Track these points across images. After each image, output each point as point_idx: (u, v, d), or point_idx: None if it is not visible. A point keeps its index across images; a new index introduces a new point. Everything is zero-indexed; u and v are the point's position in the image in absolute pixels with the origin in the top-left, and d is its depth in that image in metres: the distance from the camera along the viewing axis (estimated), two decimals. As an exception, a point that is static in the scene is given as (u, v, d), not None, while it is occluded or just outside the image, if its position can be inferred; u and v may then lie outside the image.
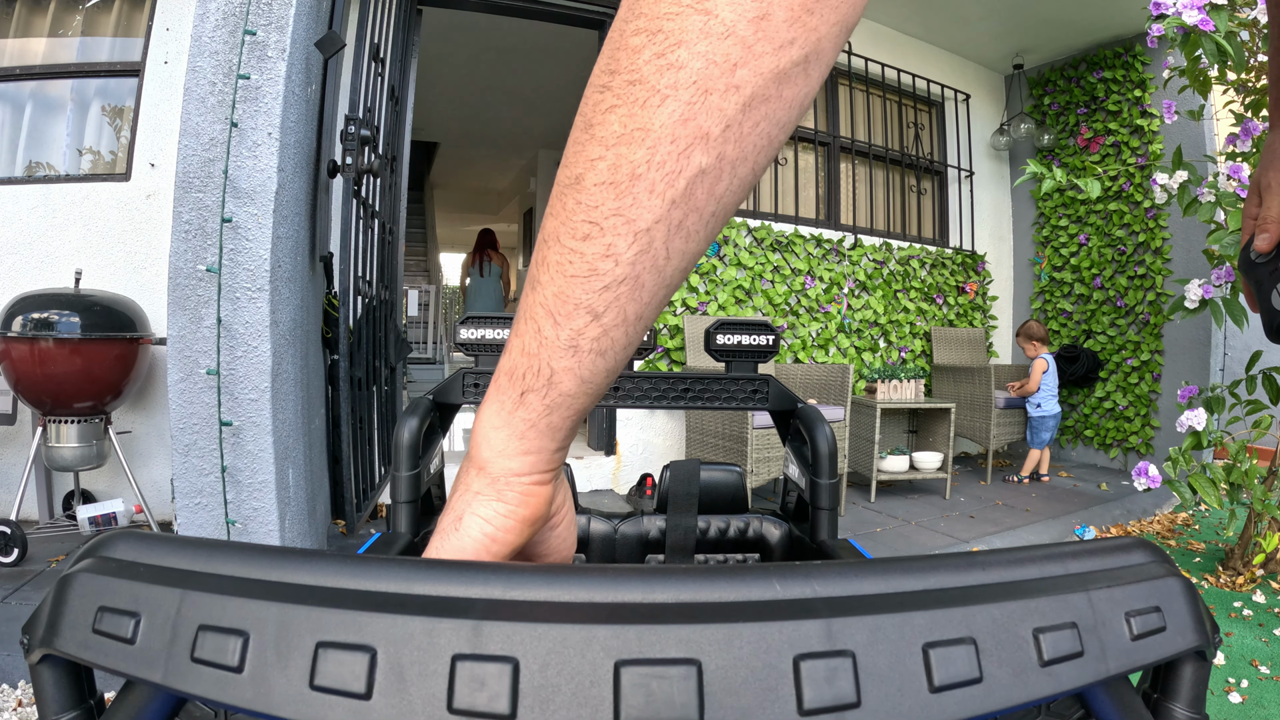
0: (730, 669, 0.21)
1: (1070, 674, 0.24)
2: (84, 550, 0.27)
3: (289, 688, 0.21)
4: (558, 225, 0.30)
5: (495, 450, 0.33)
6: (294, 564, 0.24)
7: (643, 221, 0.28)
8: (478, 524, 0.33)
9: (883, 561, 0.27)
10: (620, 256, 0.28)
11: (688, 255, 0.30)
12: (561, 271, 0.29)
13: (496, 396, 0.33)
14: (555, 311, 0.30)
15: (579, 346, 0.30)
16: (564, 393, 0.31)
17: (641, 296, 0.30)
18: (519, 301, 0.33)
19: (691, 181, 0.28)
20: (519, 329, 0.32)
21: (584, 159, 0.28)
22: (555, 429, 0.33)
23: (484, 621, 0.21)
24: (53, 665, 0.26)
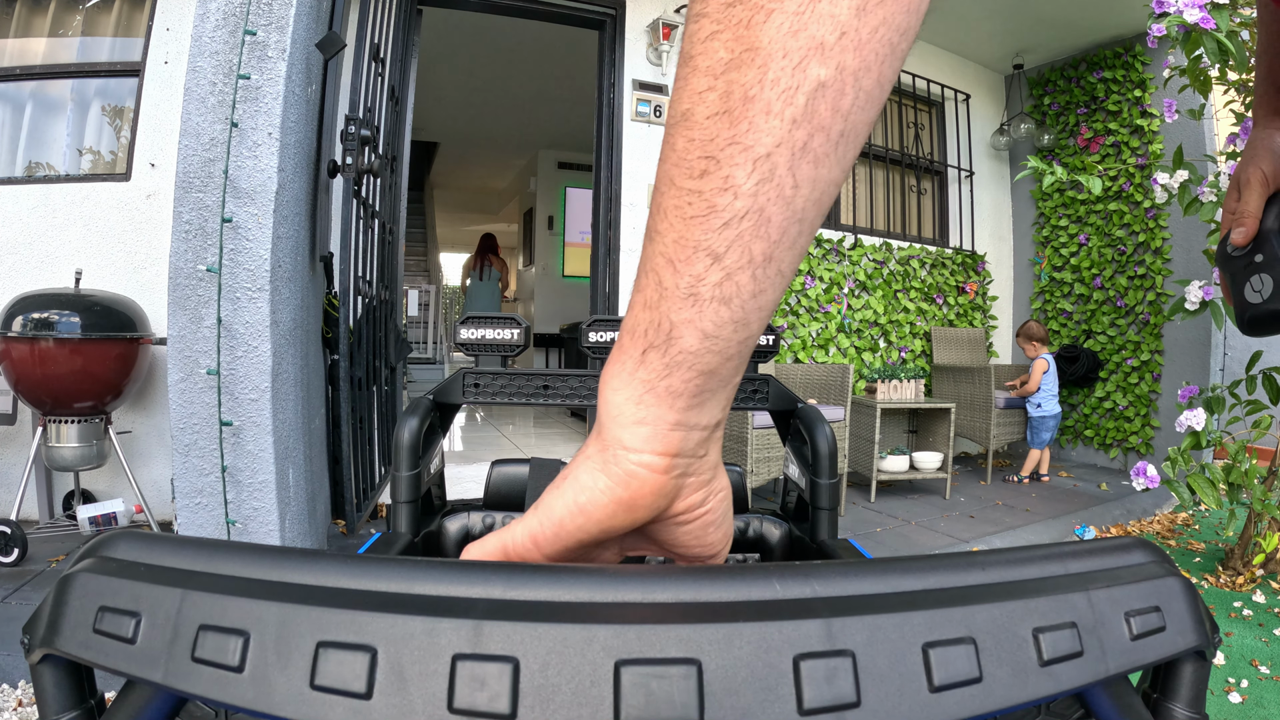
0: (730, 669, 0.21)
1: (1070, 674, 0.24)
2: (84, 550, 0.27)
3: (289, 687, 0.21)
4: (670, 168, 0.28)
5: (612, 413, 0.31)
6: (294, 564, 0.25)
7: (762, 147, 0.26)
8: (575, 489, 0.31)
9: (883, 561, 0.27)
10: (739, 188, 0.26)
11: (819, 184, 0.27)
12: (680, 215, 0.27)
13: (619, 356, 0.31)
14: (675, 259, 0.28)
15: (699, 294, 0.28)
16: (685, 350, 0.28)
17: (769, 233, 0.27)
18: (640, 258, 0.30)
19: (812, 97, 0.25)
20: (640, 284, 0.30)
21: (690, 93, 0.26)
22: (675, 394, 0.29)
23: (484, 621, 0.22)
24: (53, 665, 0.26)
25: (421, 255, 9.52)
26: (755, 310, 0.28)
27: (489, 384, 0.80)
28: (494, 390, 0.80)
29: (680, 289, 0.28)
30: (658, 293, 0.29)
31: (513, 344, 0.80)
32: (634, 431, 0.30)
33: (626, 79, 3.97)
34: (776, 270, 0.28)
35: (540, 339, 7.72)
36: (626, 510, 0.31)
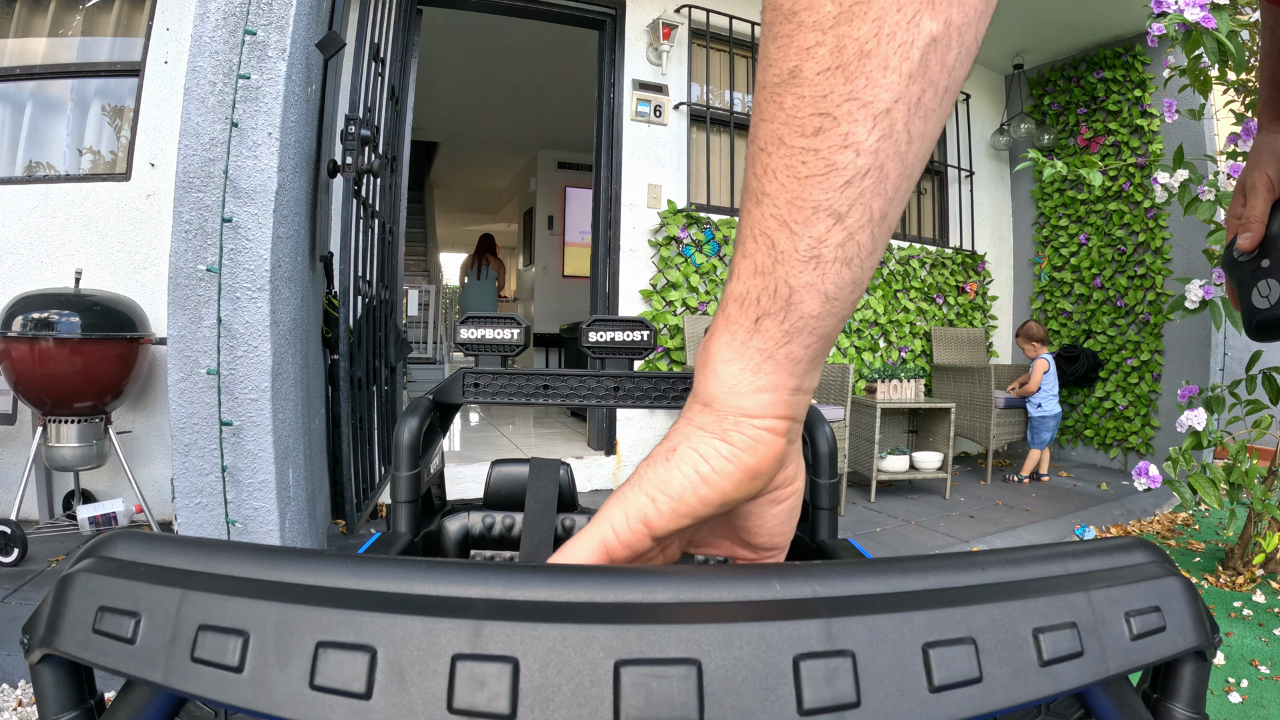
0: (730, 669, 0.21)
1: (1070, 674, 0.24)
2: (84, 550, 0.27)
3: (289, 687, 0.21)
4: (778, 127, 0.27)
5: (725, 386, 0.29)
6: (294, 564, 0.25)
7: (881, 102, 0.25)
8: (693, 459, 0.30)
9: (883, 561, 0.27)
10: (861, 145, 0.26)
11: (927, 139, 0.27)
12: (794, 174, 0.26)
13: (726, 326, 0.29)
14: (790, 220, 0.27)
15: (821, 256, 0.27)
16: (806, 314, 0.28)
17: (886, 190, 0.27)
18: (739, 224, 0.29)
19: (925, 51, 0.25)
20: (746, 249, 0.28)
21: (796, 49, 0.26)
22: (795, 360, 0.29)
23: (484, 621, 0.22)
24: (53, 665, 0.26)
25: (421, 255, 9.52)
26: (870, 268, 0.28)
27: (489, 384, 0.80)
28: (494, 390, 0.80)
29: (800, 252, 0.27)
30: (771, 258, 0.28)
31: (513, 344, 0.80)
32: (755, 399, 0.29)
33: (626, 79, 3.97)
34: (888, 227, 0.28)
35: (540, 339, 7.72)
36: (751, 478, 0.30)
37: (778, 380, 0.29)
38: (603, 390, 0.82)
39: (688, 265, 4.02)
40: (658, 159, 4.06)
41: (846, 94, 0.25)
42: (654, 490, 0.30)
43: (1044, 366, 4.25)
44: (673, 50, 4.04)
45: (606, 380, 0.82)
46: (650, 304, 3.99)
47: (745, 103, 4.43)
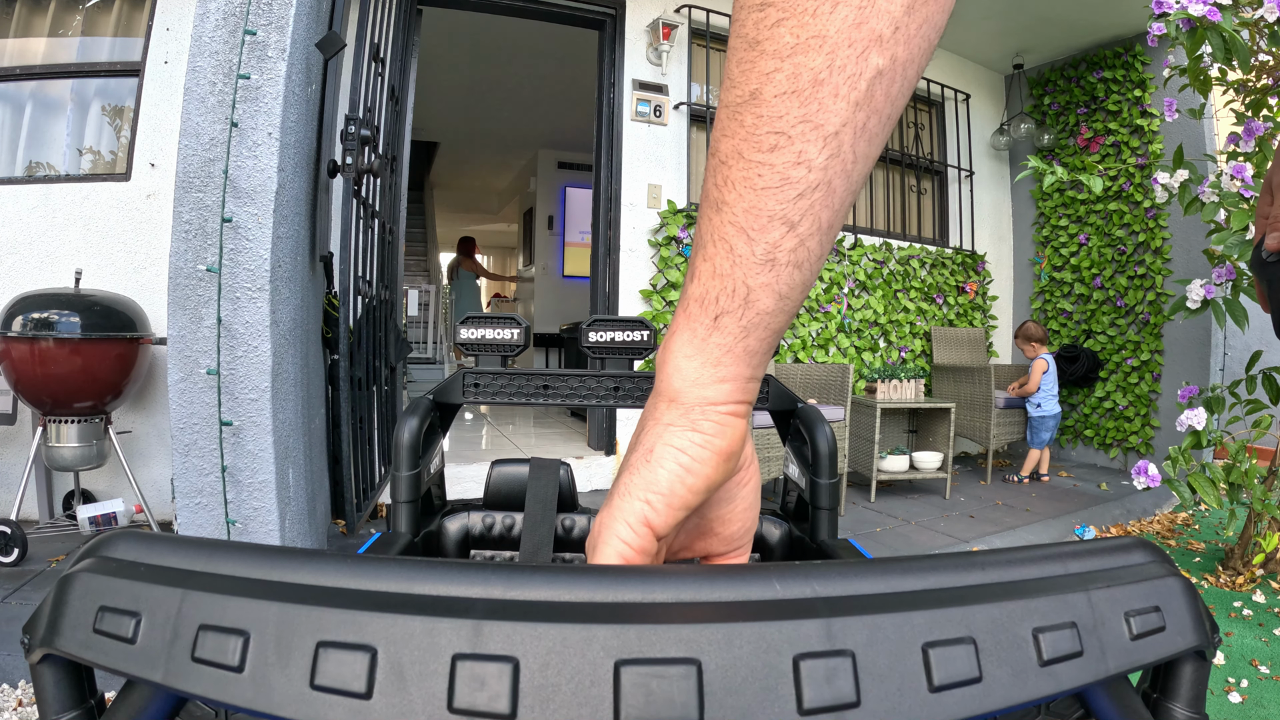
0: (730, 669, 0.21)
1: (1070, 674, 0.24)
2: (84, 550, 0.27)
3: (289, 687, 0.21)
4: (738, 143, 0.29)
5: (689, 380, 0.32)
6: (294, 564, 0.25)
7: (831, 126, 0.28)
8: (672, 454, 0.32)
9: (883, 561, 0.27)
10: (813, 163, 0.29)
11: (869, 159, 0.30)
12: (750, 186, 0.29)
13: (687, 325, 0.32)
14: (748, 227, 0.30)
15: (776, 260, 0.30)
16: (761, 311, 0.31)
17: (833, 203, 0.30)
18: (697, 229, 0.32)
19: (871, 83, 0.28)
20: (706, 253, 0.31)
21: (757, 74, 0.28)
22: (752, 353, 0.32)
23: (484, 621, 0.22)
24: (53, 665, 0.26)
25: (421, 255, 9.52)
26: (816, 271, 0.31)
27: (489, 384, 0.80)
28: (494, 390, 0.80)
29: (756, 255, 0.30)
30: (729, 260, 0.30)
31: (513, 344, 0.80)
32: (718, 389, 0.32)
33: (626, 79, 3.97)
34: (833, 234, 0.31)
35: (540, 339, 7.72)
36: (724, 460, 0.33)
37: (736, 371, 0.32)
38: (603, 390, 0.82)
39: (688, 265, 4.02)
40: (658, 159, 4.06)
41: (801, 116, 0.28)
42: (645, 493, 0.32)
43: (1043, 367, 4.25)
44: (673, 50, 4.04)
45: (606, 380, 0.82)
46: (650, 304, 3.99)
47: (745, 103, 4.43)
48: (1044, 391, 4.26)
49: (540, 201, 8.25)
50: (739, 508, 0.36)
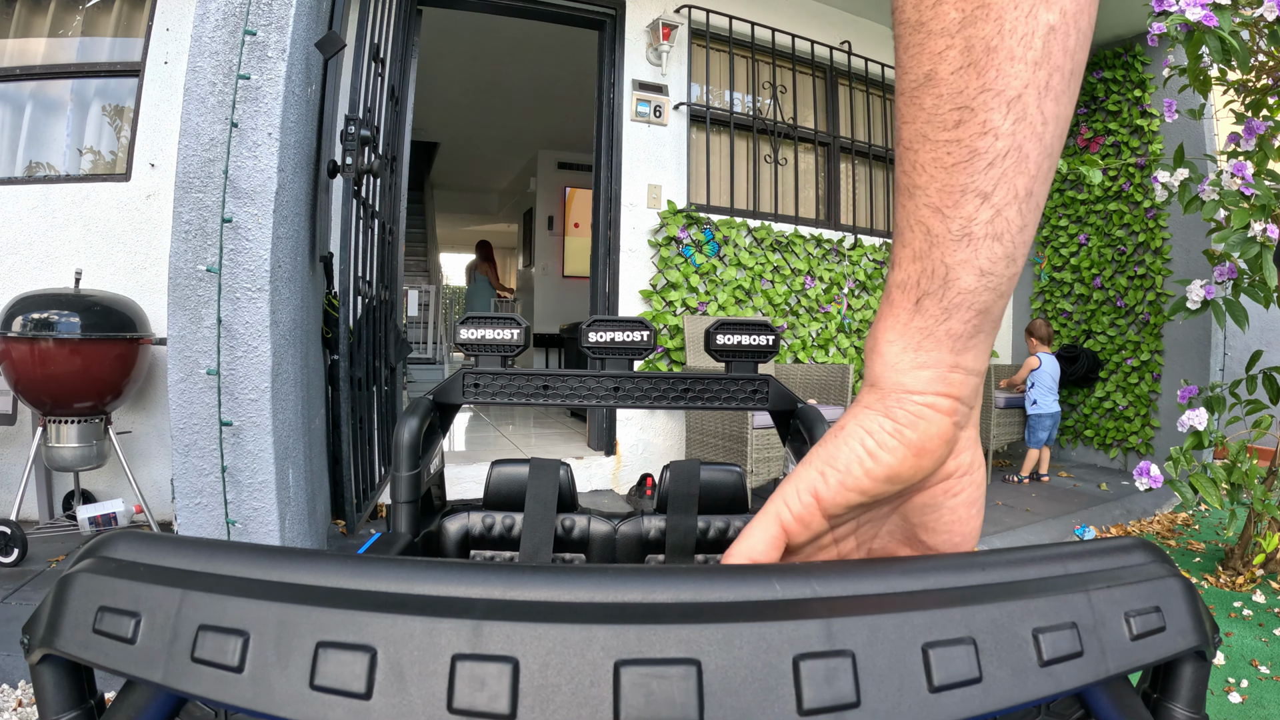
0: (730, 669, 0.21)
1: (1070, 674, 0.24)
2: (84, 550, 0.27)
3: (289, 688, 0.21)
4: (921, 126, 0.29)
5: (888, 364, 0.32)
6: (294, 564, 0.25)
7: (1012, 90, 0.28)
8: (859, 434, 0.31)
9: (882, 561, 0.27)
10: (999, 130, 0.28)
11: (1060, 119, 0.29)
12: (940, 165, 0.29)
13: (890, 312, 0.32)
14: (942, 206, 0.29)
15: (972, 234, 0.29)
16: (963, 290, 0.30)
17: (1028, 168, 0.29)
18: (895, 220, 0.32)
19: (1046, 40, 0.28)
20: (904, 239, 0.31)
21: (928, 55, 0.29)
22: (955, 336, 0.31)
23: (484, 621, 0.22)
24: (53, 665, 0.26)
25: (421, 255, 9.52)
26: (1022, 244, 0.30)
27: (489, 384, 0.80)
28: (494, 390, 0.80)
29: (952, 232, 0.29)
30: (927, 242, 0.30)
31: (513, 344, 0.80)
32: (916, 376, 0.31)
33: (626, 79, 3.97)
34: (1035, 204, 0.30)
35: (540, 339, 7.72)
36: (915, 455, 0.31)
37: (938, 356, 0.31)
38: (603, 390, 0.82)
39: (688, 265, 4.02)
40: (658, 159, 4.06)
41: (980, 87, 0.28)
42: (822, 465, 0.32)
43: (1032, 364, 4.26)
44: (673, 50, 4.04)
45: (606, 380, 0.82)
46: (650, 304, 3.99)
47: (745, 103, 4.43)
48: (1039, 389, 4.26)
49: (540, 201, 8.26)
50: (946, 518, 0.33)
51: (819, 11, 4.55)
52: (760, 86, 4.46)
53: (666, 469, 0.87)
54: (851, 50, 4.63)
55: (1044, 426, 4.29)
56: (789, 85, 4.48)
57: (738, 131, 4.32)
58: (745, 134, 4.39)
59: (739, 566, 0.26)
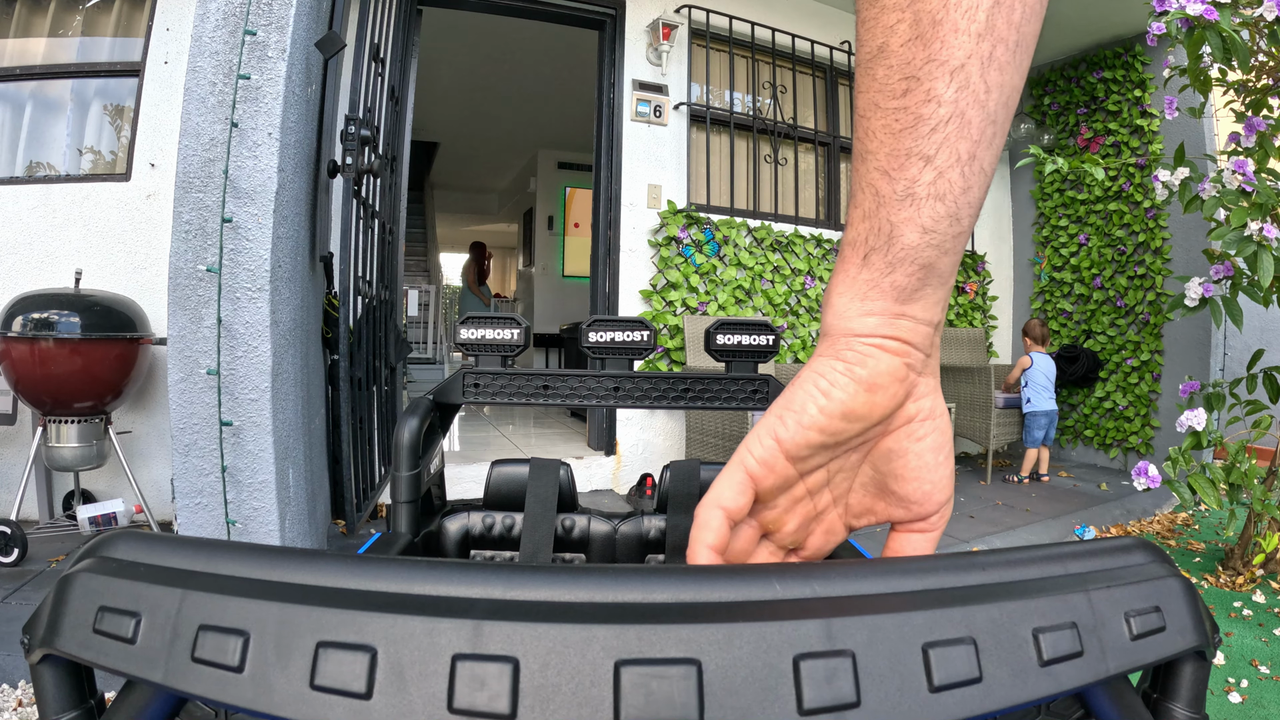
0: (730, 669, 0.21)
1: (1070, 674, 0.24)
2: (84, 550, 0.27)
3: (289, 687, 0.21)
4: (873, 96, 0.31)
5: (838, 314, 0.34)
6: (294, 564, 0.25)
7: (955, 60, 0.29)
8: (812, 378, 0.33)
9: (883, 561, 0.27)
10: (942, 98, 0.30)
11: (1005, 88, 0.31)
12: (889, 131, 0.31)
13: (841, 268, 0.34)
14: (889, 169, 0.31)
15: (915, 194, 0.31)
16: (906, 245, 0.32)
17: (970, 133, 0.30)
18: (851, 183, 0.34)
19: (990, 13, 0.29)
20: (855, 200, 0.33)
21: (881, 29, 0.31)
22: (899, 288, 0.32)
23: (484, 621, 0.22)
24: (53, 665, 0.26)
25: (421, 255, 9.52)
26: (966, 205, 0.32)
27: (489, 384, 0.80)
28: (494, 390, 0.80)
29: (897, 193, 0.31)
30: (875, 202, 0.32)
31: (513, 344, 0.80)
32: (862, 322, 0.33)
33: (626, 79, 3.97)
34: (979, 168, 0.31)
35: (540, 339, 7.72)
36: (868, 390, 0.33)
37: (883, 305, 0.33)
38: (603, 390, 0.82)
39: (688, 265, 4.02)
40: (658, 159, 4.06)
41: (926, 58, 0.30)
42: (780, 410, 0.34)
43: (1024, 364, 4.28)
44: (673, 50, 4.04)
45: (606, 380, 0.82)
46: (650, 304, 3.99)
47: (745, 103, 4.43)
48: (1033, 388, 4.26)
49: (540, 201, 8.26)
50: (913, 464, 0.35)
51: (819, 11, 4.55)
52: (760, 86, 4.46)
53: (666, 469, 0.87)
54: (851, 50, 4.63)
55: (1039, 425, 4.29)
56: (789, 85, 4.48)
57: (738, 131, 4.32)
58: (745, 134, 4.39)
59: (739, 566, 0.26)
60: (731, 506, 0.33)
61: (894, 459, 0.35)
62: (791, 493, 0.35)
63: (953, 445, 0.36)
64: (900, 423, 0.34)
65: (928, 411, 0.35)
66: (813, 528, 0.37)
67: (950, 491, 0.36)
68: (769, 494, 0.34)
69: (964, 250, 0.33)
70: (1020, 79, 0.31)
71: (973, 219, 0.32)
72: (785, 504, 0.36)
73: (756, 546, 0.37)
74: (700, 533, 0.33)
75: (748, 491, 0.34)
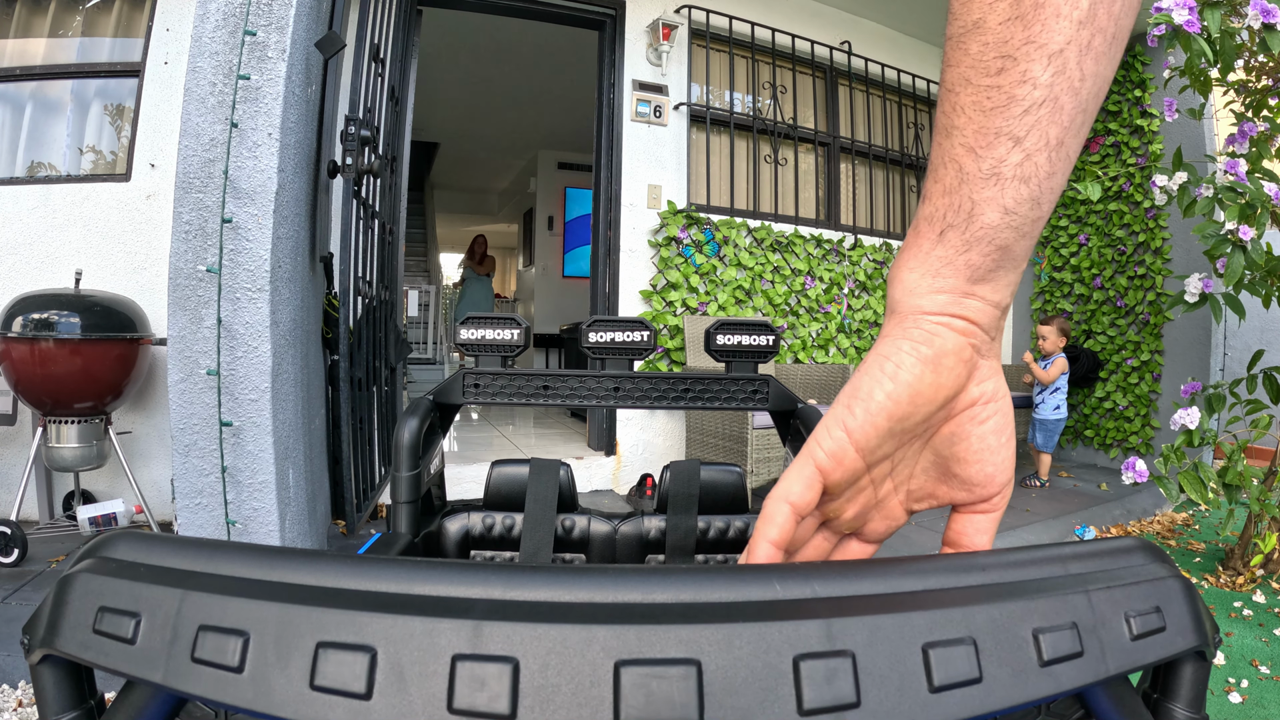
0: (730, 669, 0.21)
1: (1070, 674, 0.24)
2: (84, 550, 0.27)
3: (289, 688, 0.21)
4: (965, 71, 0.31)
5: (907, 290, 0.34)
6: (294, 564, 0.25)
7: (1054, 45, 0.29)
8: (876, 360, 0.33)
9: (883, 561, 0.27)
10: (1037, 80, 0.30)
11: (1099, 79, 0.31)
12: (979, 108, 0.31)
13: (914, 242, 0.34)
14: (975, 146, 0.31)
15: (1000, 174, 0.31)
16: (985, 225, 0.32)
17: (1061, 119, 0.30)
18: (930, 157, 0.34)
19: (1093, 2, 0.29)
20: (937, 175, 0.33)
21: (979, 4, 0.31)
22: (973, 267, 0.32)
23: (484, 621, 0.22)
24: (53, 665, 0.26)
25: (421, 255, 9.52)
26: (1049, 190, 0.32)
27: (489, 384, 0.80)
28: (494, 390, 0.80)
29: (982, 171, 0.31)
30: (958, 178, 0.32)
31: (513, 344, 0.80)
32: (932, 299, 0.33)
33: (626, 79, 3.97)
34: (1065, 154, 0.31)
35: (540, 339, 7.72)
36: (933, 370, 0.33)
37: (954, 283, 0.33)
38: (603, 390, 0.82)
39: (688, 266, 4.02)
40: (658, 159, 4.06)
41: (1025, 39, 0.30)
42: (847, 399, 0.34)
43: (1063, 365, 4.17)
44: (673, 50, 4.04)
45: (606, 380, 0.82)
46: (650, 304, 3.99)
47: (745, 103, 4.43)
48: (1061, 392, 4.23)
49: (540, 202, 8.26)
50: (975, 447, 0.35)
51: (819, 11, 4.55)
52: (760, 86, 4.46)
53: (666, 469, 0.87)
54: (851, 50, 4.63)
55: (1061, 430, 4.27)
56: (789, 85, 4.48)
57: (738, 132, 4.32)
58: (745, 134, 4.39)
59: (739, 567, 0.26)
60: (799, 502, 0.33)
61: (956, 443, 0.35)
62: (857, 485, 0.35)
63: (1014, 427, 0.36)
64: (963, 406, 0.34)
65: (990, 394, 0.34)
66: (872, 514, 0.37)
67: (1012, 473, 0.36)
68: (837, 488, 0.34)
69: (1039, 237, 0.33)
70: (1111, 72, 0.31)
71: (1052, 205, 0.32)
72: (850, 494, 0.36)
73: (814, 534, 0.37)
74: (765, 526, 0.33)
75: (816, 486, 0.33)
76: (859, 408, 0.33)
